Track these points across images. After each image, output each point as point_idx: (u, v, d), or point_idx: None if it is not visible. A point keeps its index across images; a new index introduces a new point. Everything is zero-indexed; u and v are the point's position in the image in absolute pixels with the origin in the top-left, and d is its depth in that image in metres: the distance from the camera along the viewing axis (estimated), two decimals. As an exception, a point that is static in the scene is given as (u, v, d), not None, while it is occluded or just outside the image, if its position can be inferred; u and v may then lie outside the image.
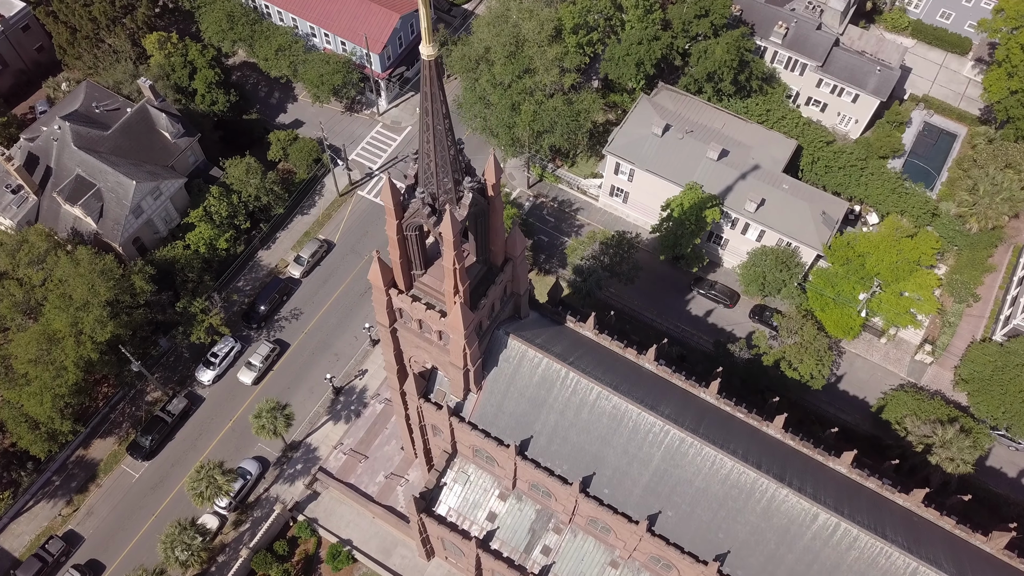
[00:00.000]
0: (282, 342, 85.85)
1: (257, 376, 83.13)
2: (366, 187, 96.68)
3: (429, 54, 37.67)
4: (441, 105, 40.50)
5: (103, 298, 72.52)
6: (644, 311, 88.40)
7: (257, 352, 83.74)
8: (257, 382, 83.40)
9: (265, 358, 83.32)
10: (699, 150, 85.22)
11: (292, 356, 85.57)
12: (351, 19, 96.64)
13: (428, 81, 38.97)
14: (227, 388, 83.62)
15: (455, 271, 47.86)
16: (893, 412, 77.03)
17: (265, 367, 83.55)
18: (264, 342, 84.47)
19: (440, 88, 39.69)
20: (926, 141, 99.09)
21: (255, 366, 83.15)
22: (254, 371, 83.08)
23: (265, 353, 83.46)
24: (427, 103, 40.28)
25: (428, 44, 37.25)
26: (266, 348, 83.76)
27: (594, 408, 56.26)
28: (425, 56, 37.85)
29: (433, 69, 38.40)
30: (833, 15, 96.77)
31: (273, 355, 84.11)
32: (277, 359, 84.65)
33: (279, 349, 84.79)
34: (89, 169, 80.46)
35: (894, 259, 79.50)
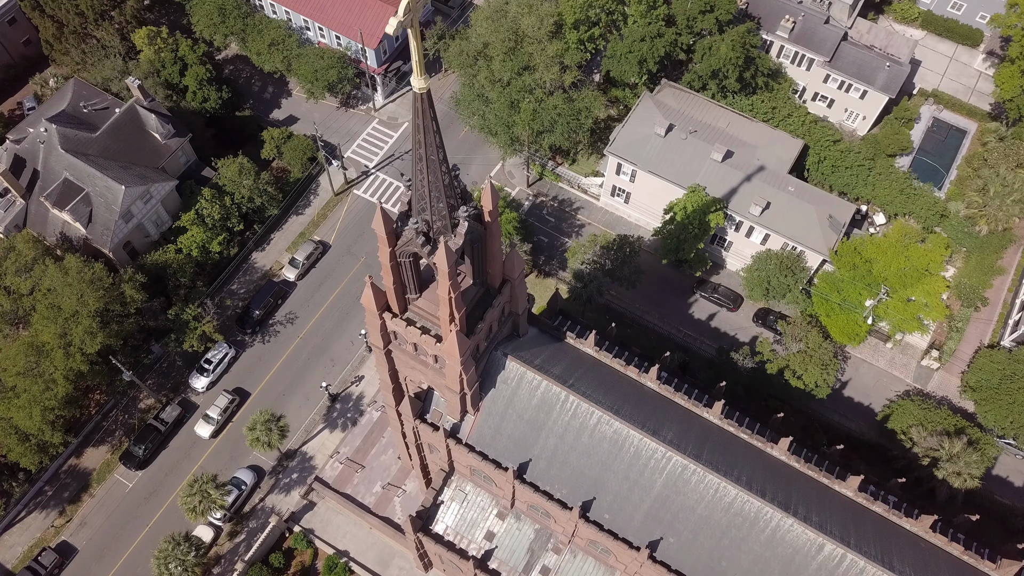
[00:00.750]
0: (242, 391, 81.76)
1: (215, 429, 79.04)
2: (362, 186, 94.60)
3: (421, 87, 35.65)
4: (435, 136, 38.54)
5: (92, 308, 70.88)
6: (646, 314, 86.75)
7: (215, 404, 79.55)
8: (216, 435, 79.52)
9: (224, 410, 79.13)
10: (703, 151, 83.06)
11: (287, 362, 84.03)
12: (345, 13, 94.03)
13: (420, 114, 36.98)
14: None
15: (450, 300, 46.14)
16: (899, 421, 75.68)
17: (224, 419, 79.43)
18: (223, 393, 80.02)
19: (433, 119, 37.70)
20: (935, 138, 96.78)
21: (213, 419, 78.86)
22: (212, 424, 78.89)
23: (223, 405, 79.21)
24: (420, 135, 38.32)
25: (420, 77, 35.22)
26: (224, 400, 79.41)
27: (595, 432, 54.79)
28: (417, 89, 35.83)
29: (425, 101, 36.39)
30: (841, 8, 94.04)
31: (232, 406, 79.92)
32: (237, 409, 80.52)
33: (238, 400, 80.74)
34: (77, 173, 78.42)
35: (902, 265, 77.70)
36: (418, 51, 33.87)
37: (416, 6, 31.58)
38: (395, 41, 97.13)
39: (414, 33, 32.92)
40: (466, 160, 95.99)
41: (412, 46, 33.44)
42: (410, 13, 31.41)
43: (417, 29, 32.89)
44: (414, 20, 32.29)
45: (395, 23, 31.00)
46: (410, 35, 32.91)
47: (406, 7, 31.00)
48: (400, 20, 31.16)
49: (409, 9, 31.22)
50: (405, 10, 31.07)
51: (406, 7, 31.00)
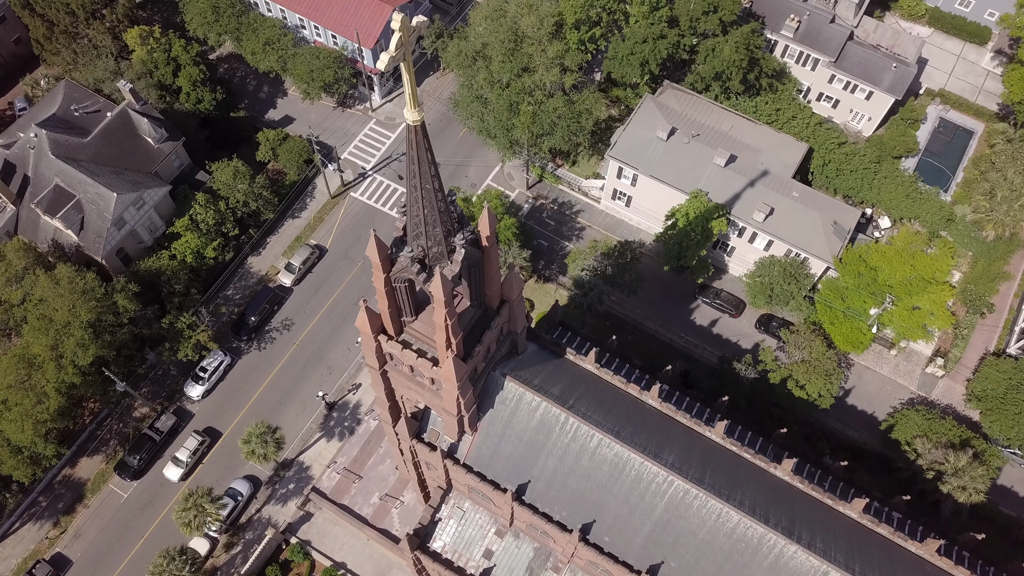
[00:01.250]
0: (213, 430, 79.19)
1: (185, 472, 76.48)
2: (359, 188, 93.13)
3: (415, 120, 34.25)
4: (429, 167, 37.16)
5: (84, 319, 69.66)
6: (647, 320, 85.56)
7: (184, 446, 76.97)
8: (185, 478, 76.83)
9: (193, 452, 76.52)
10: (706, 155, 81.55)
11: (284, 369, 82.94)
12: (342, 11, 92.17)
13: (415, 146, 35.59)
14: (217, 404, 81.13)
15: (447, 326, 44.92)
16: (903, 432, 74.61)
17: (193, 462, 76.83)
18: (192, 435, 77.38)
19: (427, 149, 36.31)
20: (941, 138, 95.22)
21: (182, 461, 76.32)
22: (181, 467, 76.38)
23: (193, 447, 76.61)
24: (414, 166, 36.95)
25: (413, 109, 33.81)
26: (194, 442, 76.80)
27: (595, 455, 53.73)
28: (410, 121, 34.43)
29: (419, 133, 35.00)
30: (848, 6, 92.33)
31: (203, 448, 77.35)
32: (207, 451, 77.97)
33: (208, 441, 78.10)
34: (68, 179, 77.00)
35: (908, 274, 76.38)
36: (411, 83, 32.46)
37: (409, 40, 30.15)
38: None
39: (407, 67, 31.50)
40: (465, 161, 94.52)
41: (405, 78, 32.01)
42: (402, 47, 30.00)
43: (410, 62, 31.49)
44: (406, 54, 30.87)
45: (387, 59, 29.61)
46: (403, 68, 31.48)
47: (398, 42, 29.57)
48: (392, 55, 29.73)
49: (401, 44, 29.79)
50: (397, 45, 29.63)
51: (398, 42, 29.57)
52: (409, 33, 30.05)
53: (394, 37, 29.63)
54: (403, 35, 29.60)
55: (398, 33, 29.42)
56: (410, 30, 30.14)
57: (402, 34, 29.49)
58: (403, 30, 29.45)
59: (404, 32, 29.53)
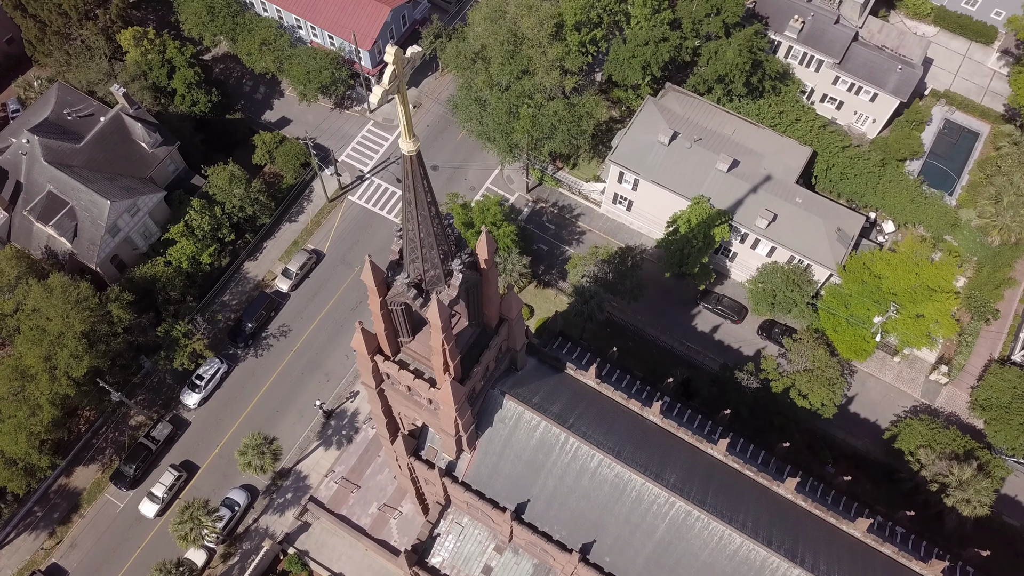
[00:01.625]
0: (190, 463, 77.36)
1: (161, 508, 74.47)
2: (357, 192, 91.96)
3: (410, 150, 33.19)
4: (425, 194, 36.13)
5: (78, 330, 68.72)
6: (648, 327, 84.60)
7: (160, 482, 74.86)
8: (162, 513, 74.90)
9: (169, 488, 74.57)
10: (708, 160, 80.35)
11: (281, 376, 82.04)
12: (338, 11, 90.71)
13: (410, 175, 34.54)
14: (213, 412, 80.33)
15: (444, 351, 44.00)
16: (906, 442, 73.80)
17: (170, 498, 74.90)
18: (168, 470, 75.32)
19: (424, 178, 35.26)
20: (946, 140, 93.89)
21: (158, 497, 74.14)
22: (157, 503, 74.22)
23: (169, 483, 74.60)
24: (410, 194, 35.90)
25: (408, 139, 32.74)
26: (170, 477, 74.78)
27: (595, 475, 52.93)
28: (406, 152, 33.37)
29: (415, 163, 33.94)
30: (852, 6, 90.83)
31: (179, 483, 75.52)
32: (184, 485, 76.12)
33: (185, 475, 76.34)
34: (61, 186, 75.89)
35: (912, 282, 75.29)
36: (406, 113, 31.38)
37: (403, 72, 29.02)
38: (390, 40, 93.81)
39: (402, 99, 30.39)
40: (464, 164, 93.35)
41: (399, 110, 30.92)
42: (396, 80, 28.89)
43: (405, 94, 30.37)
44: (401, 86, 29.77)
45: (379, 92, 28.51)
46: (397, 100, 30.38)
47: (391, 75, 28.47)
48: (386, 89, 28.64)
49: (395, 76, 28.68)
50: (391, 78, 28.54)
51: (391, 75, 28.47)
52: (403, 65, 28.91)
53: (387, 70, 28.51)
54: (396, 68, 28.47)
55: (391, 66, 28.30)
56: (404, 62, 29.01)
57: (395, 67, 28.36)
58: (396, 63, 28.34)
59: (398, 65, 28.42)
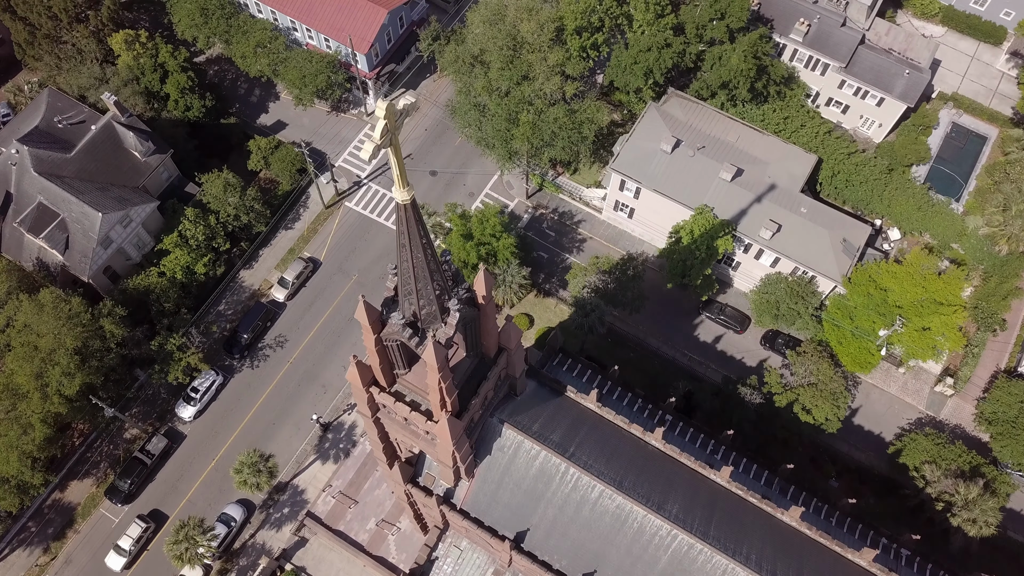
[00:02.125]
0: (159, 513, 74.96)
1: (128, 561, 72.17)
2: (354, 198, 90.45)
3: (404, 199, 31.80)
4: (420, 239, 34.75)
5: (70, 347, 67.52)
6: (649, 337, 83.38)
7: (127, 534, 72.50)
8: (129, 566, 72.61)
9: (136, 540, 72.29)
10: (711, 169, 78.83)
11: (277, 388, 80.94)
12: (335, 13, 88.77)
13: (404, 223, 33.17)
14: (209, 425, 79.27)
15: (441, 389, 42.78)
16: (911, 457, 72.80)
17: (138, 550, 72.68)
18: (135, 522, 73.09)
19: (418, 224, 33.87)
20: (954, 144, 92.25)
21: (124, 550, 71.89)
22: (124, 556, 71.93)
23: (136, 535, 72.27)
24: (404, 239, 34.53)
25: (402, 189, 31.35)
26: (137, 529, 72.50)
27: (596, 506, 51.90)
28: (400, 200, 31.98)
29: (410, 211, 32.56)
30: (859, 8, 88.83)
31: (147, 534, 73.18)
32: (152, 536, 73.84)
33: (153, 526, 73.97)
34: (51, 197, 74.42)
35: (919, 295, 73.94)
36: (399, 164, 29.98)
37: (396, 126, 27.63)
38: (387, 43, 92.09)
39: (394, 151, 28.99)
40: (462, 170, 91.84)
41: (392, 160, 29.51)
42: (389, 134, 27.48)
43: (398, 145, 28.97)
44: (393, 138, 28.36)
45: (371, 147, 27.12)
46: (390, 153, 28.99)
47: (383, 129, 27.06)
48: (377, 144, 27.24)
49: (387, 130, 27.27)
50: (382, 132, 27.13)
51: (383, 129, 27.06)
52: (396, 118, 27.50)
53: (378, 125, 27.09)
54: (389, 122, 27.07)
55: (383, 121, 26.88)
56: (396, 115, 27.61)
57: (387, 121, 26.95)
58: (389, 117, 26.94)
59: (390, 119, 27.02)
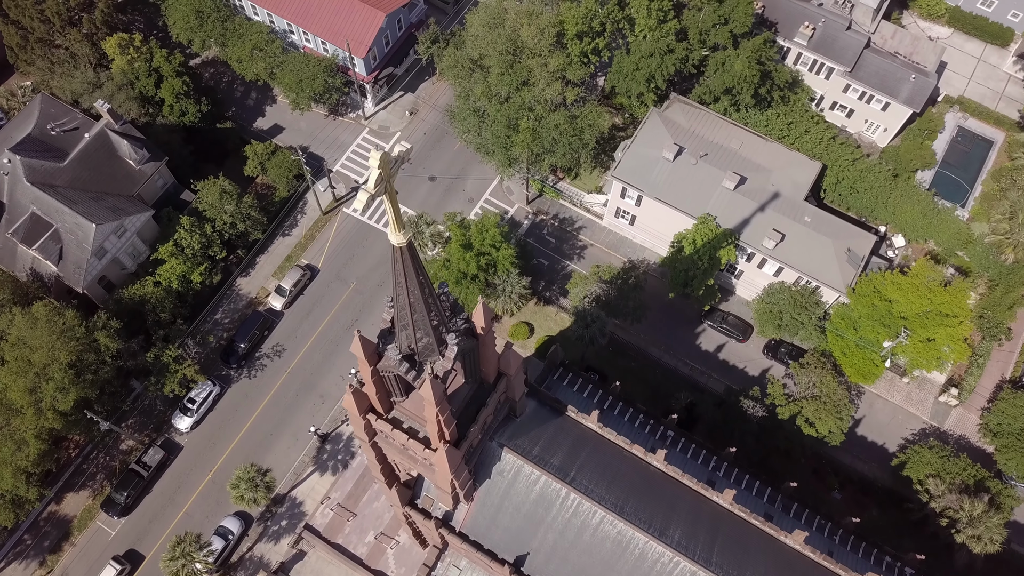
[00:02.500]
0: (135, 554, 73.22)
1: None
2: (352, 204, 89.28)
3: (400, 242, 30.80)
4: (416, 280, 33.75)
5: (64, 361, 66.61)
6: (651, 346, 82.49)
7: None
8: None
9: None
10: (714, 177, 77.65)
11: (275, 398, 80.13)
12: (332, 16, 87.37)
13: (400, 264, 32.17)
14: (206, 436, 78.51)
15: (439, 422, 41.90)
16: (915, 470, 71.95)
17: None
18: (110, 563, 71.35)
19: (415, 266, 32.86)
20: (959, 149, 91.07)
21: None
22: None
23: None
24: (400, 279, 33.53)
25: (398, 232, 30.34)
26: (112, 572, 70.79)
27: (597, 532, 51.15)
28: (395, 244, 30.98)
29: (406, 253, 31.56)
30: (865, 11, 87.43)
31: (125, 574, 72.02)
32: None
33: (129, 567, 72.38)
34: (44, 207, 73.35)
35: (924, 307, 72.90)
36: (394, 210, 28.97)
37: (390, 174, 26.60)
38: (385, 46, 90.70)
39: (390, 198, 27.97)
40: (461, 175, 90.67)
41: (387, 207, 28.50)
42: (382, 183, 26.45)
43: (393, 193, 27.94)
44: (389, 186, 27.33)
45: (364, 198, 26.10)
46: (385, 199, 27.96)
47: (377, 178, 26.03)
48: (371, 194, 26.21)
49: (381, 180, 26.24)
50: (376, 181, 26.10)
51: (377, 178, 26.03)
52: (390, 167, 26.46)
53: (372, 174, 26.04)
54: (383, 172, 26.03)
55: (377, 170, 25.84)
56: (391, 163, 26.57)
57: (382, 171, 25.91)
58: (383, 167, 25.90)
59: (384, 169, 25.98)
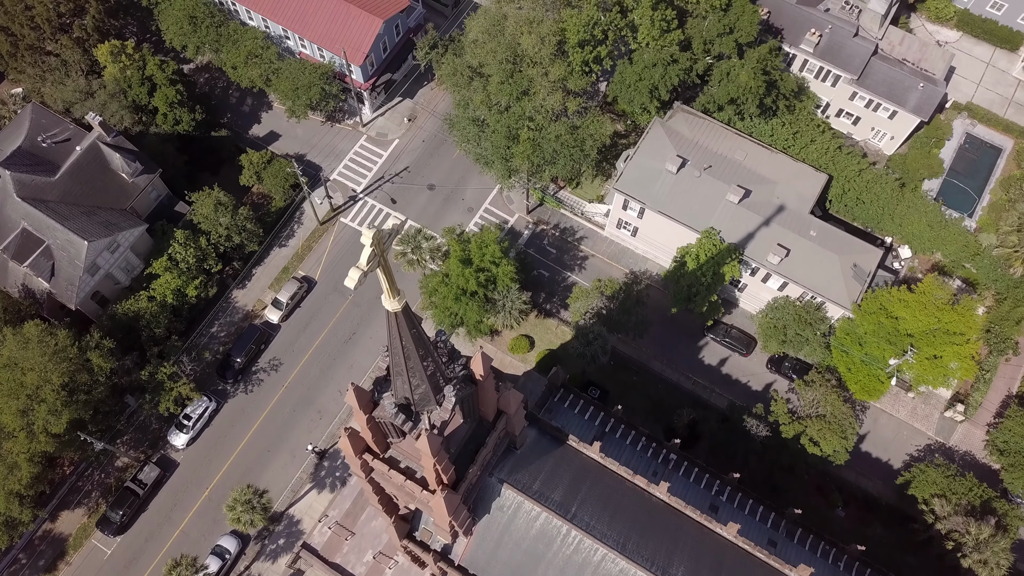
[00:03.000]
0: None
1: None
2: (349, 213, 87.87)
3: (395, 308, 29.56)
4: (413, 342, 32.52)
5: (57, 383, 65.49)
6: (653, 360, 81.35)
7: None
8: None
9: None
10: (718, 191, 76.25)
11: (272, 414, 79.14)
12: (328, 22, 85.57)
13: (395, 328, 30.93)
14: (202, 452, 77.55)
15: (436, 471, 40.79)
16: (920, 490, 71.00)
17: None
18: None
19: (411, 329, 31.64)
20: (967, 156, 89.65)
21: None
22: None
23: None
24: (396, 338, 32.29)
25: (392, 299, 29.09)
26: None
27: (599, 569, 50.23)
28: (390, 310, 29.73)
29: (401, 318, 30.32)
30: (872, 17, 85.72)
31: None
32: None
33: None
34: (36, 223, 71.98)
35: (931, 325, 71.61)
36: (388, 279, 27.71)
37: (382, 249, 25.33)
38: (383, 53, 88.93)
39: (383, 270, 26.71)
40: (460, 184, 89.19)
41: (380, 276, 27.23)
42: (375, 260, 25.19)
43: (387, 264, 26.67)
44: (383, 259, 26.06)
45: (357, 276, 24.84)
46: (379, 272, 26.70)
47: (370, 255, 24.75)
48: (364, 271, 24.95)
49: (374, 256, 24.98)
50: (369, 258, 24.83)
51: (370, 255, 24.75)
52: (383, 244, 25.19)
53: (364, 252, 24.77)
54: (376, 248, 24.76)
55: (369, 248, 24.56)
56: (383, 240, 25.30)
57: (374, 248, 24.64)
58: (376, 244, 24.63)
59: (376, 246, 24.71)
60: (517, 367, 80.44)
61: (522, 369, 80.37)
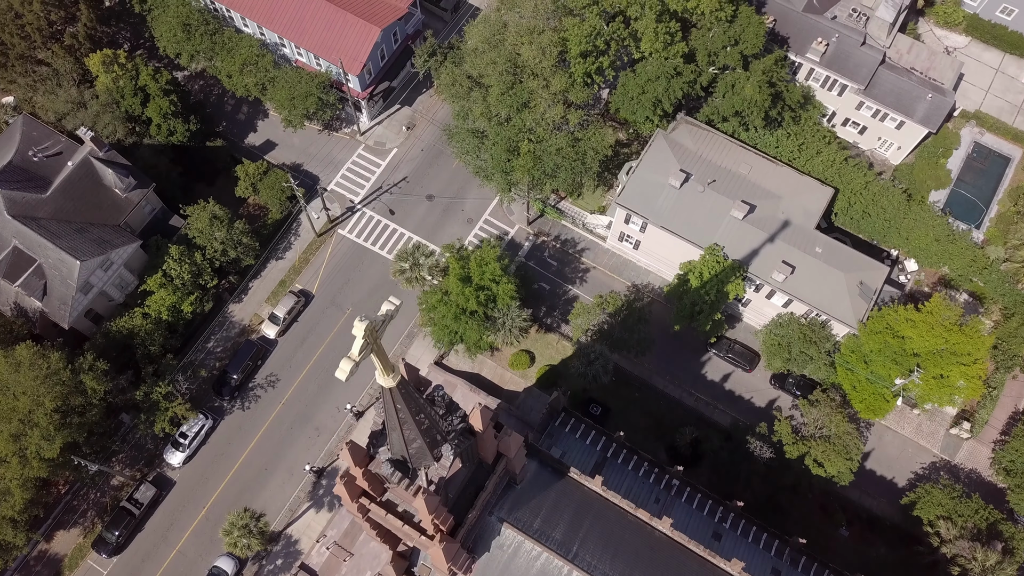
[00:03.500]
0: None
1: None
2: (347, 224, 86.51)
3: (389, 385, 28.38)
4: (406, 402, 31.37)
5: (49, 407, 64.47)
6: (655, 376, 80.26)
7: None
8: None
9: None
10: (722, 206, 74.88)
11: (269, 431, 78.19)
12: (325, 30, 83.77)
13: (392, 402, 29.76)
14: (198, 471, 76.66)
15: (434, 523, 39.77)
16: (925, 511, 70.22)
17: None
18: None
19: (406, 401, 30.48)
20: (975, 166, 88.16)
21: None
22: None
23: None
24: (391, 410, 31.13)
25: (386, 376, 27.92)
26: None
27: (600, 611, 49.36)
28: (385, 386, 28.56)
29: (397, 394, 29.16)
30: (880, 25, 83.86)
31: None
32: None
33: None
34: (27, 242, 70.70)
35: (939, 346, 70.40)
36: (381, 359, 26.51)
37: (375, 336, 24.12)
38: (380, 61, 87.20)
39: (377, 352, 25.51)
40: (460, 195, 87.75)
41: (374, 359, 26.03)
42: (367, 349, 23.98)
43: (381, 347, 25.50)
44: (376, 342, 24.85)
45: (349, 367, 23.64)
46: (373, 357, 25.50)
47: (361, 347, 23.55)
48: (356, 362, 23.75)
49: (366, 346, 23.77)
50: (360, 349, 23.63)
51: (361, 347, 23.55)
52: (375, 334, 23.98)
53: (356, 343, 23.57)
54: (367, 339, 23.56)
55: (360, 339, 23.36)
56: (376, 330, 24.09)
57: (365, 339, 23.44)
58: (368, 336, 23.44)
59: (368, 337, 23.52)
60: (517, 383, 79.38)
61: (522, 385, 79.31)
